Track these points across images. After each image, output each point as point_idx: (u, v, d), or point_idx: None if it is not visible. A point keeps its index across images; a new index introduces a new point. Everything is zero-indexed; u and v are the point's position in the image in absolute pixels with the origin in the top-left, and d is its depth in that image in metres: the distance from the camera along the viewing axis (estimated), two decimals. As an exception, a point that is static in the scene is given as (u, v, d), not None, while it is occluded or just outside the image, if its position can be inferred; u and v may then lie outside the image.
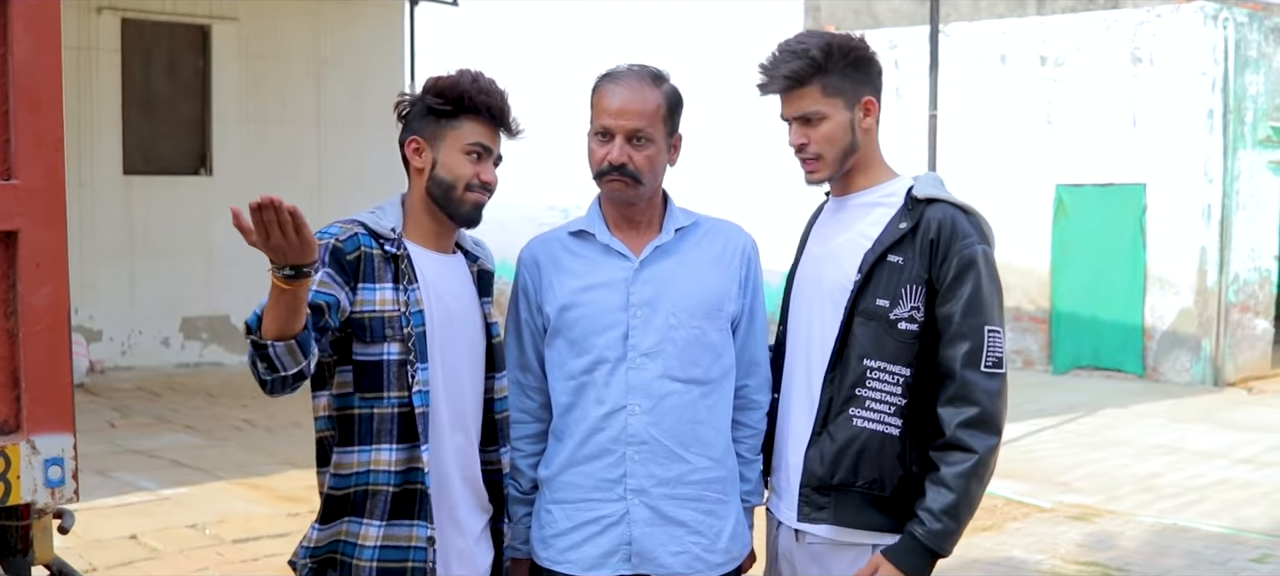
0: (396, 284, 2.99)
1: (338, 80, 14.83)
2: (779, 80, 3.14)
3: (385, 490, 2.99)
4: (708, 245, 3.26)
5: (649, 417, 3.15)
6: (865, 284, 3.07)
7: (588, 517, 3.18)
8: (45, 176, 3.03)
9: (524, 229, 20.52)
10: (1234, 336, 15.10)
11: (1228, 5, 14.77)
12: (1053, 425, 12.05)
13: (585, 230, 3.23)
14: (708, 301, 3.20)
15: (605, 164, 3.13)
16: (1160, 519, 8.53)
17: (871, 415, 3.07)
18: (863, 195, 3.19)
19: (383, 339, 2.96)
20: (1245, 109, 14.91)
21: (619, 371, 3.15)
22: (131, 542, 7.22)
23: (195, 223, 14.14)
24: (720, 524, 3.22)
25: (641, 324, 3.15)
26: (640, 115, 3.12)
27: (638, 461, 3.15)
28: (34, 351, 3.01)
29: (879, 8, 18.54)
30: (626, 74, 3.19)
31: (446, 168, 3.06)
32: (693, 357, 3.17)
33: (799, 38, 3.16)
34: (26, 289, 2.99)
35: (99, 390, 12.38)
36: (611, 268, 3.19)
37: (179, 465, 9.25)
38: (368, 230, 3.01)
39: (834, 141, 3.13)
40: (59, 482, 3.04)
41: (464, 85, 3.06)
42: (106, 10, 13.46)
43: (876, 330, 3.06)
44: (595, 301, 3.17)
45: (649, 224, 3.23)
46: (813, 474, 3.11)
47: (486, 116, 3.07)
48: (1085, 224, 15.49)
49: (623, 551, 3.16)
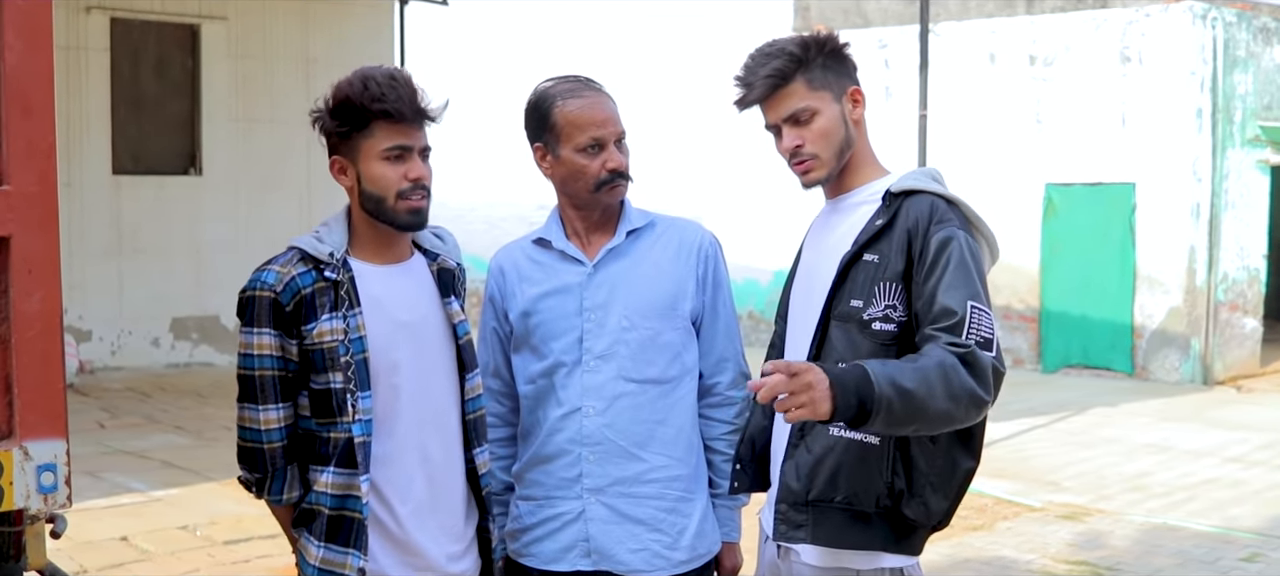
0: (336, 312, 2.96)
1: (327, 80, 14.46)
2: (761, 83, 2.97)
3: (323, 512, 3.00)
4: (663, 245, 3.30)
5: (603, 419, 3.21)
6: (840, 285, 2.92)
7: (549, 514, 3.26)
8: (37, 182, 3.02)
9: (516, 228, 20.57)
10: (1223, 335, 15.14)
11: (1216, 5, 14.81)
12: (1043, 424, 12.08)
13: (544, 238, 3.30)
14: (661, 301, 3.25)
15: (606, 172, 3.19)
16: (1150, 518, 8.55)
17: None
18: (854, 195, 3.05)
19: (327, 369, 2.96)
20: (1234, 108, 14.95)
21: (575, 374, 3.22)
22: (122, 544, 7.21)
23: (185, 222, 14.13)
24: (683, 521, 3.26)
25: (595, 327, 3.22)
26: (617, 119, 3.23)
27: (593, 461, 3.22)
28: (26, 357, 3.00)
29: (868, 7, 18.55)
30: (580, 85, 3.26)
31: (371, 180, 2.98)
32: (648, 358, 3.22)
33: (769, 42, 3.03)
34: (18, 295, 2.98)
35: (89, 390, 12.35)
36: (567, 273, 3.26)
37: (169, 466, 9.24)
38: (308, 260, 2.98)
39: (829, 136, 2.97)
40: (52, 489, 3.03)
41: (355, 95, 2.94)
42: (95, 10, 13.43)
43: (851, 333, 2.89)
44: (552, 307, 3.25)
45: (606, 226, 3.29)
46: (789, 488, 2.93)
47: (396, 116, 2.95)
48: (1075, 223, 15.53)
49: (580, 547, 3.24)
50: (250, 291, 2.98)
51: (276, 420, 2.98)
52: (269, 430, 2.98)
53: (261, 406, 2.97)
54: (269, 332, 2.96)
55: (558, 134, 3.21)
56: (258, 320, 2.96)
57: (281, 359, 2.97)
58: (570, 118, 3.19)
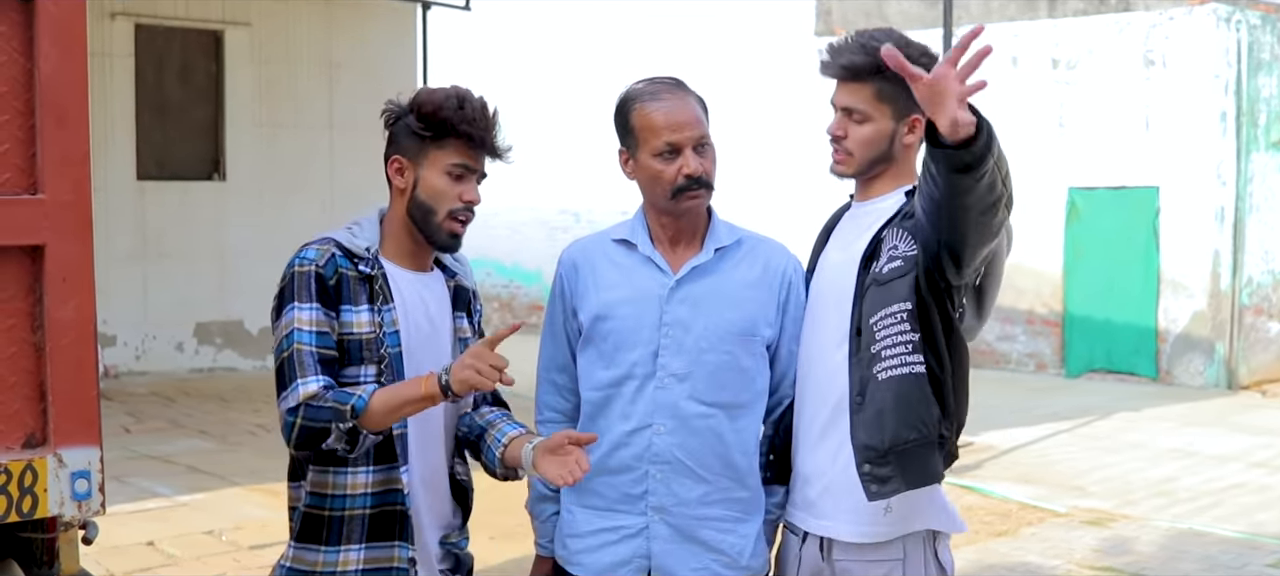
0: (371, 305, 2.97)
1: (350, 85, 14.84)
2: (838, 67, 3.14)
3: (362, 513, 2.99)
4: (748, 266, 3.22)
5: (673, 438, 3.13)
6: (865, 267, 3.08)
7: (608, 525, 3.18)
8: (71, 190, 3.04)
9: (536, 233, 20.61)
10: (1247, 339, 15.07)
11: (1240, 8, 14.75)
12: (1066, 429, 12.03)
13: (628, 239, 3.21)
14: (742, 326, 3.17)
15: (683, 178, 3.09)
16: (1175, 523, 8.51)
17: (893, 362, 3.00)
18: (882, 200, 3.18)
19: (360, 361, 2.96)
20: (1258, 111, 14.89)
21: (646, 389, 3.13)
22: (148, 549, 7.24)
23: (209, 228, 14.17)
24: (741, 542, 3.21)
25: (673, 344, 3.13)
26: (699, 122, 3.13)
27: (660, 480, 3.15)
28: (60, 365, 3.03)
29: (890, 10, 18.51)
30: (664, 88, 3.18)
31: (428, 189, 3.02)
32: (722, 381, 3.14)
33: (872, 33, 3.15)
34: (53, 303, 3.01)
35: (113, 395, 12.40)
36: (648, 281, 3.16)
37: (194, 470, 9.27)
38: (342, 249, 2.99)
39: (869, 145, 3.13)
40: (85, 495, 3.06)
41: (448, 111, 3.00)
42: (120, 16, 13.49)
43: (875, 293, 3.04)
44: (629, 316, 3.15)
45: (692, 238, 3.20)
46: (867, 448, 3.02)
47: (475, 142, 3.02)
48: (1098, 227, 15.47)
49: (638, 564, 3.17)
50: (290, 271, 2.96)
51: (317, 389, 2.87)
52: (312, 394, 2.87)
53: (301, 381, 2.87)
54: (312, 307, 2.91)
55: (637, 137, 3.15)
56: (299, 294, 2.92)
57: (326, 333, 2.92)
58: (647, 121, 3.12)
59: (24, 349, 3.03)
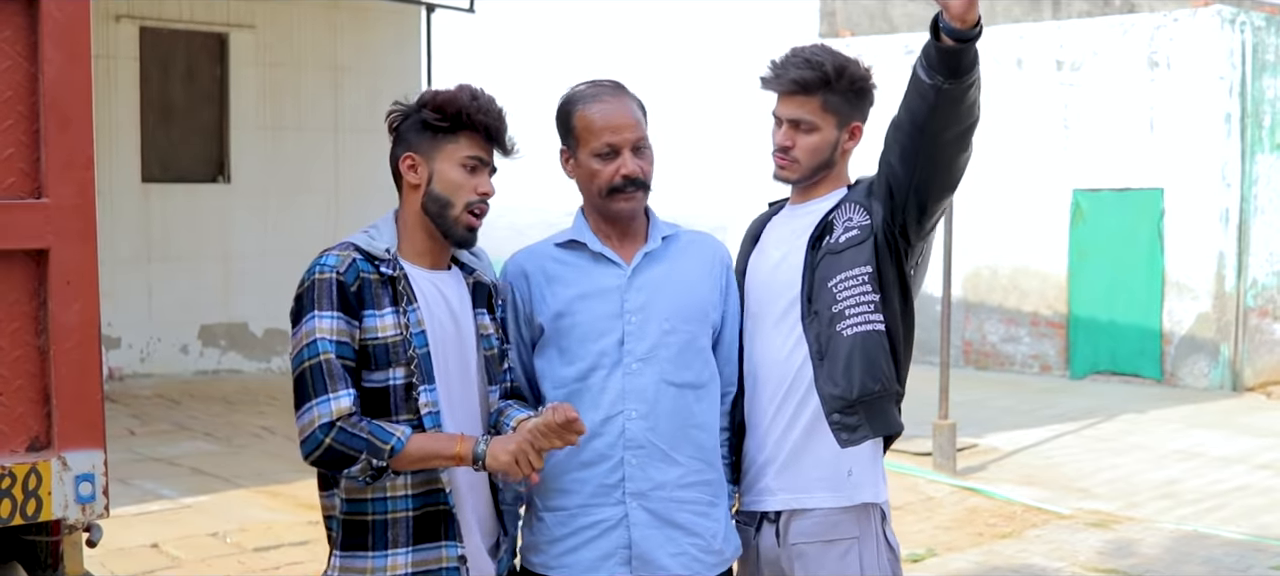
0: (396, 307, 2.97)
1: (355, 87, 14.86)
2: (786, 82, 3.33)
3: (405, 515, 2.98)
4: (692, 254, 3.36)
5: (645, 422, 3.20)
6: (814, 247, 3.31)
7: (585, 522, 3.22)
8: (75, 194, 3.05)
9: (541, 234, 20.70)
10: (1252, 341, 15.06)
11: (1245, 9, 14.74)
12: (1071, 430, 12.03)
13: (575, 240, 3.29)
14: (698, 307, 3.30)
15: (619, 178, 3.20)
16: (1180, 525, 8.51)
17: (857, 319, 3.25)
18: (819, 202, 3.42)
19: (388, 365, 2.95)
20: (1263, 113, 14.88)
21: (614, 376, 3.20)
22: (153, 551, 7.25)
23: (213, 230, 14.19)
24: (714, 525, 3.29)
25: (636, 329, 3.22)
26: (637, 125, 3.23)
27: (635, 465, 3.21)
28: (64, 368, 3.04)
29: (894, 12, 18.52)
30: (603, 90, 3.28)
31: (443, 182, 3.04)
32: (686, 361, 3.25)
33: (814, 49, 3.34)
34: (57, 306, 3.02)
35: (118, 397, 12.42)
36: (603, 276, 3.25)
37: (199, 473, 9.28)
38: (362, 253, 2.99)
39: (816, 153, 3.36)
40: (90, 498, 3.07)
41: (463, 101, 3.04)
42: (125, 19, 13.51)
43: (829, 261, 3.29)
44: (589, 309, 3.23)
45: (636, 234, 3.31)
46: (834, 398, 3.25)
47: (484, 133, 3.06)
48: (1102, 228, 15.46)
49: (620, 554, 3.20)
50: (310, 277, 2.94)
51: (350, 406, 2.88)
52: (346, 413, 2.87)
53: (331, 396, 2.86)
54: (332, 315, 2.90)
55: (577, 138, 3.25)
56: (319, 303, 2.91)
57: (347, 342, 2.90)
58: (587, 122, 3.22)
59: (28, 352, 3.04)
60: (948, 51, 3.00)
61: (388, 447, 2.85)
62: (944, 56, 3.01)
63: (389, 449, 2.85)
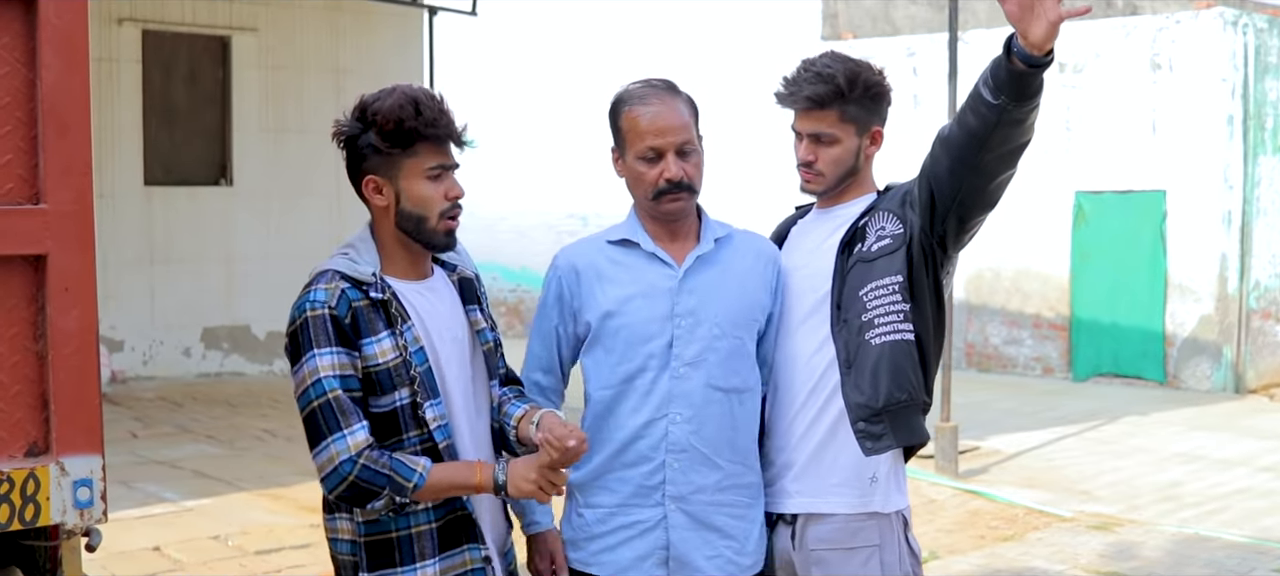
0: (391, 329, 2.96)
1: (357, 90, 14.55)
2: (801, 99, 3.32)
3: (429, 527, 2.99)
4: (743, 256, 3.34)
5: (690, 426, 3.21)
6: (845, 252, 3.31)
7: (623, 521, 3.24)
8: (74, 200, 3.05)
9: (544, 237, 20.62)
10: (1255, 343, 15.04)
11: (1247, 11, 14.73)
12: (1073, 433, 12.02)
13: (628, 238, 3.28)
14: (747, 312, 3.29)
15: (664, 182, 3.20)
16: (1182, 528, 8.50)
17: (886, 328, 3.25)
18: (847, 207, 3.42)
19: (392, 388, 2.95)
20: (1265, 115, 14.86)
21: (661, 379, 3.21)
22: (154, 554, 7.26)
23: (216, 233, 14.19)
24: (749, 527, 3.30)
25: (686, 333, 3.21)
26: (683, 128, 3.21)
27: (677, 469, 3.21)
28: (62, 374, 3.03)
29: (897, 15, 18.50)
30: (652, 91, 3.25)
31: (412, 198, 3.01)
32: (733, 367, 3.24)
33: (826, 61, 3.32)
34: (55, 312, 3.01)
35: (121, 400, 12.43)
36: (655, 276, 3.25)
37: (201, 475, 9.29)
38: (349, 280, 2.97)
39: (840, 163, 3.36)
40: (88, 504, 3.06)
41: (408, 119, 2.97)
42: (127, 22, 13.52)
43: (860, 270, 3.28)
44: (639, 310, 3.23)
45: (687, 234, 3.30)
46: (860, 406, 3.23)
47: (440, 140, 3.02)
48: (1105, 231, 15.45)
49: (657, 555, 3.23)
50: (302, 315, 2.94)
51: (366, 438, 2.89)
52: (363, 445, 2.89)
53: (346, 431, 2.87)
54: (332, 352, 2.90)
55: (624, 139, 3.26)
56: (316, 341, 2.91)
57: (351, 375, 2.90)
58: (633, 123, 3.23)
59: (26, 358, 3.03)
60: (1019, 75, 3.00)
61: (410, 485, 2.89)
62: (1014, 79, 3.01)
63: (412, 486, 2.89)
